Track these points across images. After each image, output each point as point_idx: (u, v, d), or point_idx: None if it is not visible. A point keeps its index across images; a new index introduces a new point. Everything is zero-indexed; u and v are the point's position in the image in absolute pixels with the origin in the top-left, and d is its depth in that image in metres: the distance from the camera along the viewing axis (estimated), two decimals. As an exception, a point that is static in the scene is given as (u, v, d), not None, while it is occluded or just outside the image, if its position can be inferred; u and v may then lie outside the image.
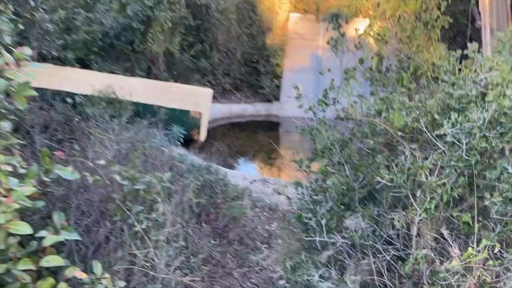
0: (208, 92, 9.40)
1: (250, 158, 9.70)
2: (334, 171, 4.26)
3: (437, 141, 3.33)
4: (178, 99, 8.74)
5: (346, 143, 4.47)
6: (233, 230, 5.46)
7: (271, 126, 12.72)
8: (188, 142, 9.22)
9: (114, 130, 5.35)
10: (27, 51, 2.75)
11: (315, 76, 13.30)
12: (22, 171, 2.65)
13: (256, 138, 11.46)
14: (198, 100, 8.94)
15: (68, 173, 2.83)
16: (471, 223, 2.96)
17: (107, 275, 2.74)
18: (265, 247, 5.51)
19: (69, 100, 7.26)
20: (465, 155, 3.08)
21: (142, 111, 8.05)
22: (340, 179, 4.05)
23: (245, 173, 8.00)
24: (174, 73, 11.86)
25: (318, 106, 4.96)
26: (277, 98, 13.33)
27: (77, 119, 6.77)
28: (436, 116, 3.66)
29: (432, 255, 3.00)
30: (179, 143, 8.01)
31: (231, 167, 8.84)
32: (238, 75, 13.72)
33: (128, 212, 4.12)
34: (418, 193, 3.17)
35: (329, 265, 3.54)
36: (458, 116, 3.23)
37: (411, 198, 3.20)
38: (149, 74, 11.27)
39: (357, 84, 4.62)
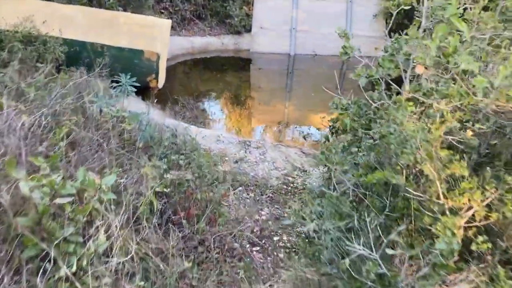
0: (166, 23, 7.37)
1: (221, 109, 7.93)
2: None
3: None
4: (128, 33, 6.72)
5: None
6: (212, 230, 3.87)
7: (241, 63, 10.85)
8: (142, 90, 7.35)
9: (27, 94, 3.47)
10: None
11: (292, 2, 11.32)
12: None
13: (224, 79, 9.61)
14: (154, 34, 6.92)
15: None
16: None
17: None
18: (257, 250, 3.98)
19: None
20: None
21: (79, 52, 6.03)
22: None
23: (218, 132, 6.30)
24: (122, -1, 9.60)
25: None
26: (247, 29, 11.33)
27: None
28: None
29: None
30: (132, 93, 6.17)
31: (198, 121, 7.11)
32: (200, 0, 11.54)
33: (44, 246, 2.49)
34: None
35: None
36: None
37: None
38: (90, 0, 9.00)
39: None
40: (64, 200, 2.49)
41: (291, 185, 5.08)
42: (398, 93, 2.64)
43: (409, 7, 3.61)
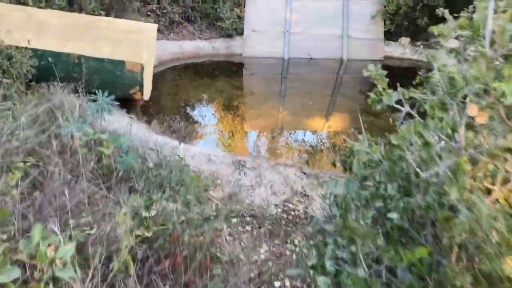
0: (152, 28, 6.77)
1: (212, 120, 7.35)
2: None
3: None
4: (110, 41, 6.11)
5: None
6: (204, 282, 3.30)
7: (233, 68, 10.27)
8: (127, 102, 6.76)
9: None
10: None
11: (285, 3, 10.75)
12: None
13: (216, 86, 9.03)
14: (138, 40, 6.32)
15: None
16: None
17: None
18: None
19: None
20: None
21: (53, 65, 5.41)
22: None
23: (209, 150, 5.72)
24: (105, 1, 8.97)
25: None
26: (239, 33, 10.75)
27: None
28: None
29: None
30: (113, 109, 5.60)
31: (187, 135, 6.53)
32: (189, 1, 10.95)
33: None
34: None
35: None
36: None
37: None
38: (70, 4, 8.39)
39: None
40: (7, 277, 1.92)
41: (292, 213, 4.53)
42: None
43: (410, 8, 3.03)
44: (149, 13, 10.35)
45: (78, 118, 4.36)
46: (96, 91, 4.43)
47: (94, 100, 4.50)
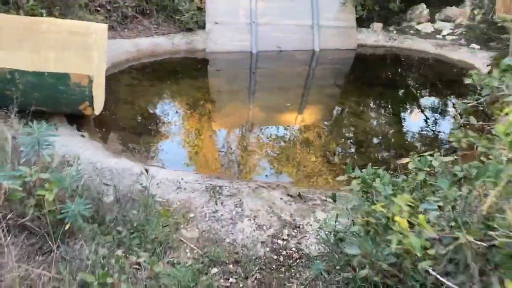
0: (102, 28, 5.81)
1: (177, 130, 6.48)
2: None
3: None
4: (52, 47, 5.14)
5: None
6: None
7: (196, 66, 9.37)
8: (78, 117, 5.83)
9: None
10: None
11: (250, -8, 9.88)
12: None
13: (178, 87, 8.16)
14: (87, 44, 5.37)
15: None
16: None
17: None
18: None
19: None
20: None
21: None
22: None
23: (178, 173, 4.88)
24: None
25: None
26: (201, 26, 9.83)
27: None
28: None
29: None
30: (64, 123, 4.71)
31: (151, 155, 5.67)
32: (143, -7, 9.94)
33: None
34: None
35: None
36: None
37: None
38: (5, 2, 7.29)
39: None
40: None
41: (284, 252, 3.79)
42: None
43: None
44: (98, 9, 9.28)
45: (10, 156, 3.46)
46: (30, 122, 3.51)
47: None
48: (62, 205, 3.24)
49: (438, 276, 1.68)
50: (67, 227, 3.19)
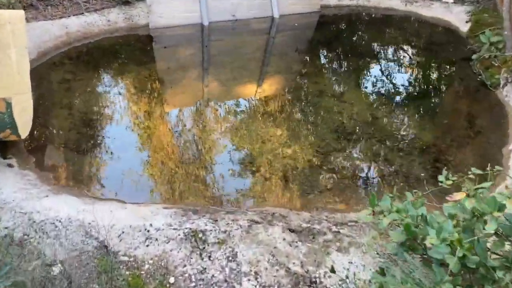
0: (18, 17, 4.39)
1: (131, 141, 5.26)
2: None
3: None
4: None
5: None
6: None
7: (139, 45, 7.99)
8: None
9: None
10: None
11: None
12: None
13: (121, 73, 6.86)
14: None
15: None
16: None
17: None
18: None
19: None
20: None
21: None
22: None
23: (142, 213, 3.75)
24: None
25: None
26: (140, -3, 8.36)
27: None
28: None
29: None
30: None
31: (101, 181, 4.48)
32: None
33: None
34: None
35: None
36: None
37: None
38: None
39: None
40: None
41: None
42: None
43: None
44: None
45: None
46: None
47: None
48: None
49: None
50: None
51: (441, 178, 3.44)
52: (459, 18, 8.06)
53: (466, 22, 7.79)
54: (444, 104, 6.10)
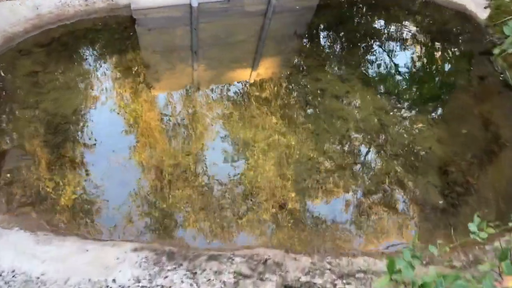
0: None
1: (120, 154, 4.55)
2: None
3: None
4: None
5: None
6: None
7: (120, 28, 7.16)
8: None
9: None
10: None
11: None
12: None
13: (100, 62, 6.10)
14: None
15: None
16: None
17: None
18: None
19: None
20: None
21: None
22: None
23: (104, 250, 3.10)
24: None
25: None
26: (120, -26, 7.45)
27: None
28: None
29: None
30: None
31: (76, 216, 3.81)
32: None
33: None
34: None
35: None
36: None
37: None
38: None
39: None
40: None
41: None
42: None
43: None
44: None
45: None
46: None
47: None
48: None
49: None
50: None
51: (472, 227, 2.77)
52: (476, 2, 7.25)
53: (485, 7, 7.00)
54: (460, 109, 5.40)
